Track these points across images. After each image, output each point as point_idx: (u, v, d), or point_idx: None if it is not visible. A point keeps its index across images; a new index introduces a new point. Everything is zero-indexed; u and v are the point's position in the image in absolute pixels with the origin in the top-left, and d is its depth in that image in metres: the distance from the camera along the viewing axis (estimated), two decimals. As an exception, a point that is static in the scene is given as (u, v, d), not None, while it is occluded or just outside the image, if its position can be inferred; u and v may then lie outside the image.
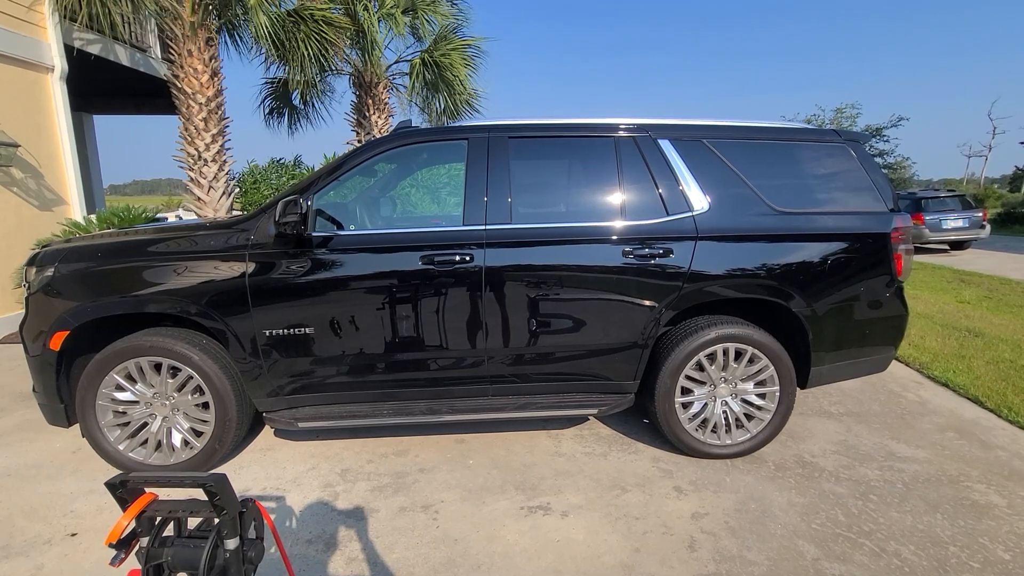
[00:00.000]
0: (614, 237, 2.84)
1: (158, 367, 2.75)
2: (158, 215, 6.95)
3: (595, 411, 2.94)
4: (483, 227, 2.79)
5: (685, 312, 2.95)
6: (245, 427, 2.97)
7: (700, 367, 2.91)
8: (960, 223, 12.91)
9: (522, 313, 2.82)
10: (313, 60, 7.13)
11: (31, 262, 2.82)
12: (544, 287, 2.81)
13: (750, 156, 2.98)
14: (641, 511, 2.55)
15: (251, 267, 2.70)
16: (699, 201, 2.88)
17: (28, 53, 5.93)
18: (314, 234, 2.71)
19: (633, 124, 2.97)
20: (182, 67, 6.67)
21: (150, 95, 10.19)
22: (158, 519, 1.16)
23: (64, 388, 2.80)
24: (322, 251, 2.74)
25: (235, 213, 7.82)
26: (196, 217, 7.18)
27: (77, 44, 6.65)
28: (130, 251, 2.79)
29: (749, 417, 2.99)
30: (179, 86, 6.74)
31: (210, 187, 7.15)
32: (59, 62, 6.26)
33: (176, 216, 8.00)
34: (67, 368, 2.81)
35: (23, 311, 2.80)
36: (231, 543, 1.14)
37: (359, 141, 9.07)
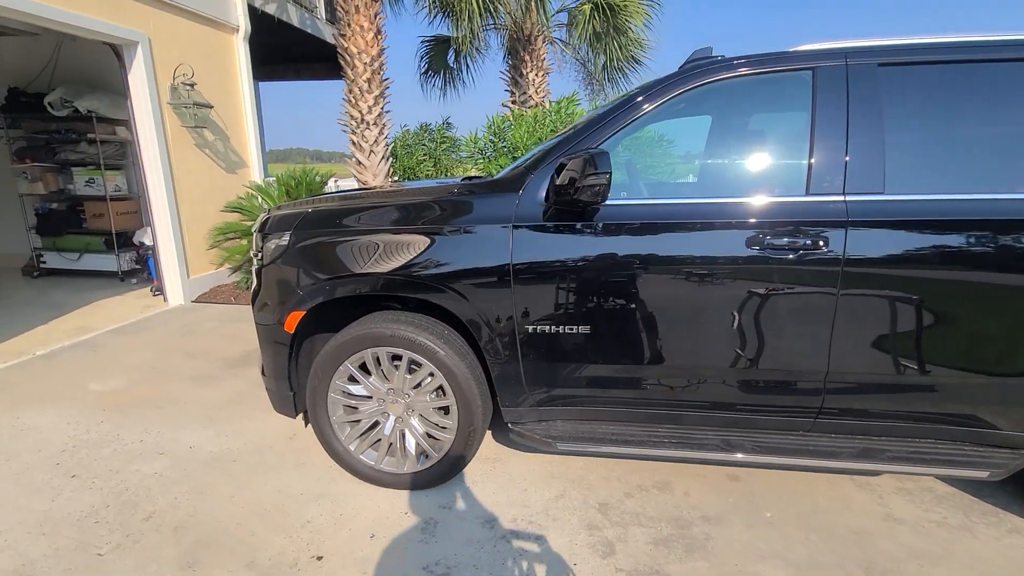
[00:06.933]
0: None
1: (394, 359, 2.29)
2: (330, 179, 6.88)
3: (985, 473, 2.00)
4: (841, 198, 1.92)
5: None
6: (482, 438, 2.45)
7: None
8: None
9: (893, 327, 1.94)
10: (482, 10, 6.52)
11: (261, 228, 2.46)
12: (935, 292, 1.90)
13: None
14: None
15: (516, 243, 2.08)
16: None
17: (218, 12, 5.92)
18: (604, 204, 2.02)
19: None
20: (348, 25, 6.39)
21: (308, 60, 10.36)
22: None
23: (293, 374, 2.45)
24: (608, 225, 2.05)
25: (393, 179, 7.60)
26: (357, 184, 7.04)
27: (257, 3, 6.61)
28: (375, 218, 2.29)
29: None
30: (345, 45, 6.50)
31: (371, 151, 6.94)
32: (243, 22, 6.23)
33: (335, 183, 7.97)
34: (296, 352, 2.45)
35: (241, 278, 2.45)
36: None
37: (513, 102, 8.42)
